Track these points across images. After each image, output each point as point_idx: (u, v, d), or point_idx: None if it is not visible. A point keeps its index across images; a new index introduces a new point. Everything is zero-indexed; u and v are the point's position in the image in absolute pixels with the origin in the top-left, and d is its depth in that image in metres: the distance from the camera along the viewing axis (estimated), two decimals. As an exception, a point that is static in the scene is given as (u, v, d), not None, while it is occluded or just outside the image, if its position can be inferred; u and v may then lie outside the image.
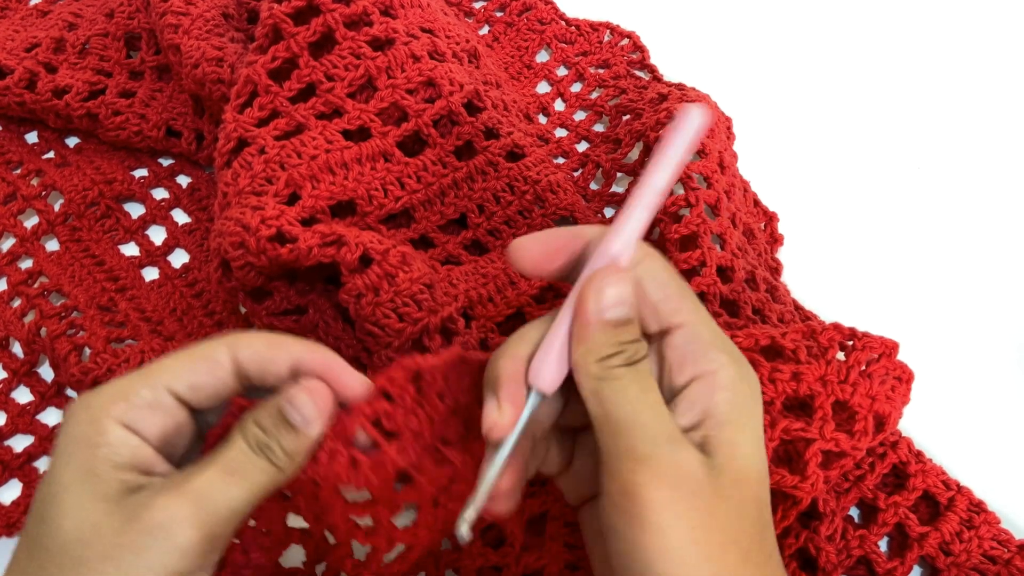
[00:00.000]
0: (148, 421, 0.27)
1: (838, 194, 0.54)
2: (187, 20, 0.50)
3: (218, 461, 0.27)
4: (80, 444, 0.26)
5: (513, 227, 0.47)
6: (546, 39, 0.61)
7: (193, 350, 0.29)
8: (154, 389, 0.28)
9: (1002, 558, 0.38)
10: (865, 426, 0.34)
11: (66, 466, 0.26)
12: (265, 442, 0.27)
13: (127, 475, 0.26)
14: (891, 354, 0.36)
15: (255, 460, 0.27)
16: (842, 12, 0.64)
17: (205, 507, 0.26)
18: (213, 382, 0.29)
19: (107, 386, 0.28)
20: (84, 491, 0.26)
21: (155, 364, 0.28)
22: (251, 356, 0.29)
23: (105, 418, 0.27)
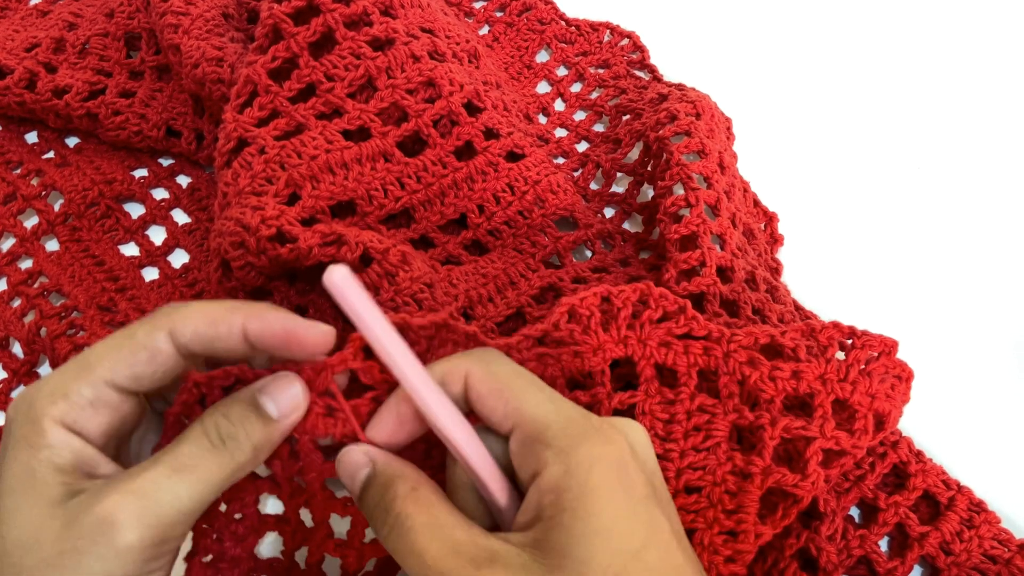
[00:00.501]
0: (91, 421, 0.26)
1: (838, 194, 0.54)
2: (187, 20, 0.50)
3: (166, 457, 0.26)
4: (21, 446, 0.26)
5: (513, 227, 0.47)
6: (546, 39, 0.61)
7: (129, 337, 0.27)
8: (94, 386, 0.26)
9: (1003, 558, 0.38)
10: (865, 424, 0.34)
11: (8, 469, 0.25)
12: (230, 432, 0.26)
13: (69, 478, 0.25)
14: (891, 353, 0.36)
15: (210, 453, 0.26)
16: (842, 12, 0.64)
17: (149, 506, 0.25)
18: (157, 368, 0.27)
19: (47, 381, 0.27)
20: (25, 496, 0.25)
21: (93, 354, 0.27)
22: (193, 337, 0.27)
23: (45, 419, 0.26)
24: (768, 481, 0.34)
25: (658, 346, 0.34)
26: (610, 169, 0.52)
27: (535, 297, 0.43)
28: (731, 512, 0.34)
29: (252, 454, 0.27)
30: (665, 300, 0.35)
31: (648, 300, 0.35)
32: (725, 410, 0.35)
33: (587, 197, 0.51)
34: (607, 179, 0.52)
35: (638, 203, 0.50)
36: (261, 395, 0.27)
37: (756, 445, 0.34)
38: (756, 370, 0.34)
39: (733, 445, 0.35)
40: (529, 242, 0.47)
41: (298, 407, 0.28)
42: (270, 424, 0.27)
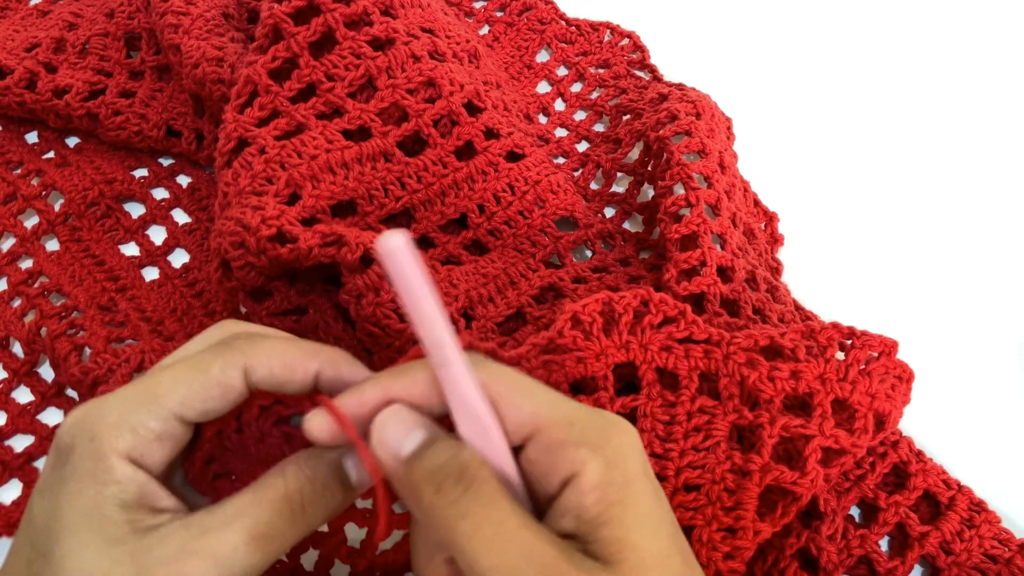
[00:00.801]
0: (156, 455, 0.26)
1: (838, 194, 0.54)
2: (187, 20, 0.50)
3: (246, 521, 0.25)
4: (86, 480, 0.25)
5: (513, 227, 0.47)
6: (546, 39, 0.61)
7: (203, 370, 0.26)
8: (163, 420, 0.26)
9: (1003, 557, 0.38)
10: (865, 424, 0.34)
11: (71, 503, 0.25)
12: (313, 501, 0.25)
13: (135, 515, 0.25)
14: (891, 353, 0.36)
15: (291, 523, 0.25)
16: (842, 12, 0.64)
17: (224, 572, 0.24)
18: (225, 406, 0.27)
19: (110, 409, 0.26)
20: (91, 535, 0.24)
21: (162, 383, 0.26)
22: (267, 378, 0.27)
23: (112, 454, 0.25)
24: (767, 478, 0.34)
25: (659, 351, 0.35)
26: (610, 169, 0.52)
27: (535, 297, 0.43)
28: (730, 509, 0.34)
29: (324, 520, 0.26)
30: (665, 305, 0.35)
31: (649, 305, 0.35)
32: (725, 411, 0.35)
33: (587, 197, 0.51)
34: (607, 179, 0.52)
35: (638, 203, 0.50)
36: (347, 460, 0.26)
37: (755, 444, 0.34)
38: (755, 371, 0.34)
39: (733, 444, 0.35)
40: (529, 242, 0.47)
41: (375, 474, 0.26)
42: (350, 492, 0.26)
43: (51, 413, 0.44)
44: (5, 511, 0.40)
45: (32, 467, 0.42)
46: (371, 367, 0.39)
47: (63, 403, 0.43)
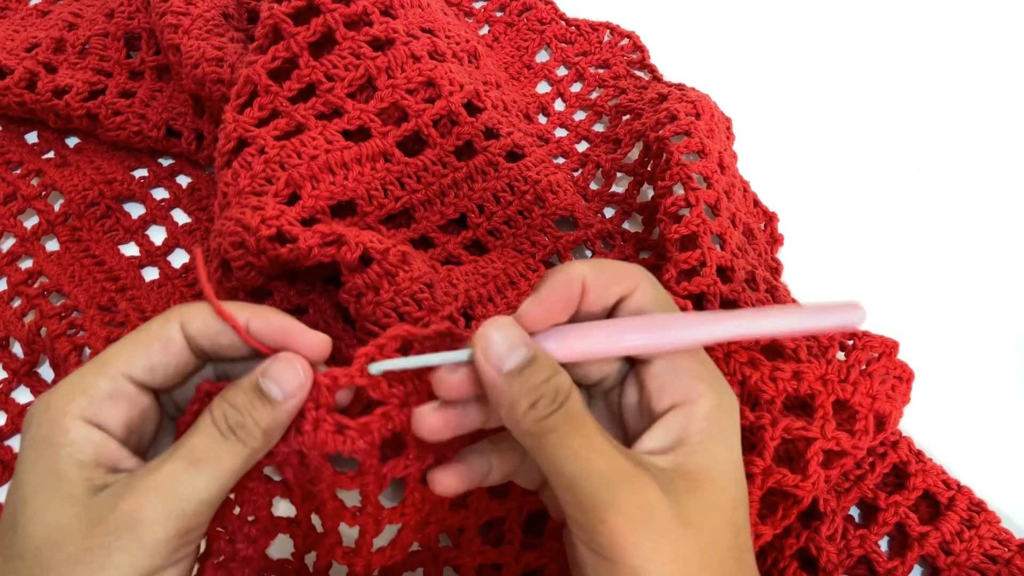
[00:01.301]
0: (110, 413, 0.27)
1: (838, 194, 0.54)
2: (187, 20, 0.50)
3: (181, 450, 0.26)
4: (43, 445, 0.26)
5: (513, 227, 0.47)
6: (546, 39, 0.61)
7: (143, 331, 0.28)
8: (111, 379, 0.27)
9: (1003, 557, 0.38)
10: (866, 425, 0.34)
11: (31, 470, 0.26)
12: (238, 421, 0.26)
13: (92, 473, 0.26)
14: (891, 353, 0.36)
15: (222, 443, 0.26)
16: (842, 12, 0.64)
17: (170, 500, 0.25)
18: (170, 360, 0.28)
19: (64, 382, 0.27)
20: (51, 494, 0.25)
21: (108, 352, 0.28)
22: (201, 329, 0.28)
23: (65, 416, 0.26)
24: (768, 481, 0.34)
25: None
26: (610, 169, 0.52)
27: (535, 297, 0.43)
28: None
29: (263, 439, 0.27)
30: None
31: None
32: (725, 410, 0.35)
33: (587, 197, 0.51)
34: (607, 179, 0.52)
35: (638, 203, 0.50)
36: (263, 378, 0.27)
37: (757, 445, 0.34)
38: (757, 371, 0.34)
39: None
40: (529, 242, 0.47)
41: (302, 386, 0.28)
42: (276, 407, 0.27)
43: (51, 413, 0.44)
44: (5, 511, 0.40)
45: (32, 467, 0.42)
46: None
47: (63, 403, 0.43)
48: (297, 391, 0.27)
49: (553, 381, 0.26)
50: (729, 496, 0.27)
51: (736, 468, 0.28)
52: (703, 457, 0.27)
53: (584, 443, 0.26)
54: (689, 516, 0.26)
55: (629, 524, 0.25)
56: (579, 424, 0.26)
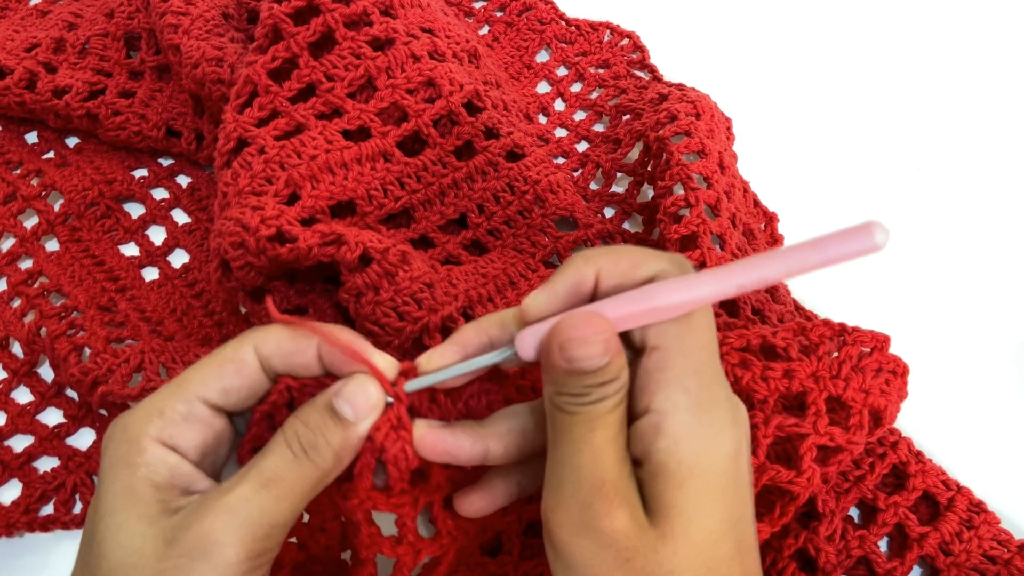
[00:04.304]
0: (185, 435, 0.27)
1: (838, 194, 0.54)
2: (187, 20, 0.50)
3: (253, 472, 0.26)
4: (120, 465, 0.26)
5: (513, 227, 0.47)
6: (546, 39, 0.61)
7: (217, 354, 0.28)
8: (187, 402, 0.27)
9: (1002, 558, 0.38)
10: (860, 420, 0.34)
11: (109, 489, 0.26)
12: (310, 441, 0.26)
13: (167, 495, 0.26)
14: (883, 348, 0.36)
15: (294, 464, 0.26)
16: (842, 12, 0.64)
17: (242, 522, 0.25)
18: (244, 383, 0.28)
19: (142, 404, 0.27)
20: (126, 514, 0.25)
21: (184, 375, 0.28)
22: (274, 350, 0.28)
23: (142, 437, 0.26)
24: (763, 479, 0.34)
25: None
26: (610, 169, 0.52)
27: (535, 297, 0.43)
28: None
29: (334, 460, 0.27)
30: None
31: None
32: (722, 411, 0.35)
33: (587, 197, 0.51)
34: (607, 179, 0.52)
35: (638, 203, 0.50)
36: (336, 399, 0.27)
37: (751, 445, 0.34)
38: (748, 371, 0.34)
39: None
40: (529, 242, 0.47)
41: (374, 408, 0.27)
42: (348, 427, 0.27)
43: (51, 413, 0.44)
44: (5, 511, 0.40)
45: (32, 467, 0.42)
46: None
47: (63, 403, 0.43)
48: (369, 412, 0.27)
49: (609, 385, 0.26)
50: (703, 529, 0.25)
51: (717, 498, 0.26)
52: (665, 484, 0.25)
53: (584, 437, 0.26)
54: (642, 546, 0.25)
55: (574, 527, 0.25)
56: (593, 421, 0.26)
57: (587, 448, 0.26)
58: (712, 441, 0.26)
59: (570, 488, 0.25)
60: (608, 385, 0.26)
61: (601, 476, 0.25)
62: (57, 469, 0.42)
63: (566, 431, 0.26)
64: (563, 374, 0.26)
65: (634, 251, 0.28)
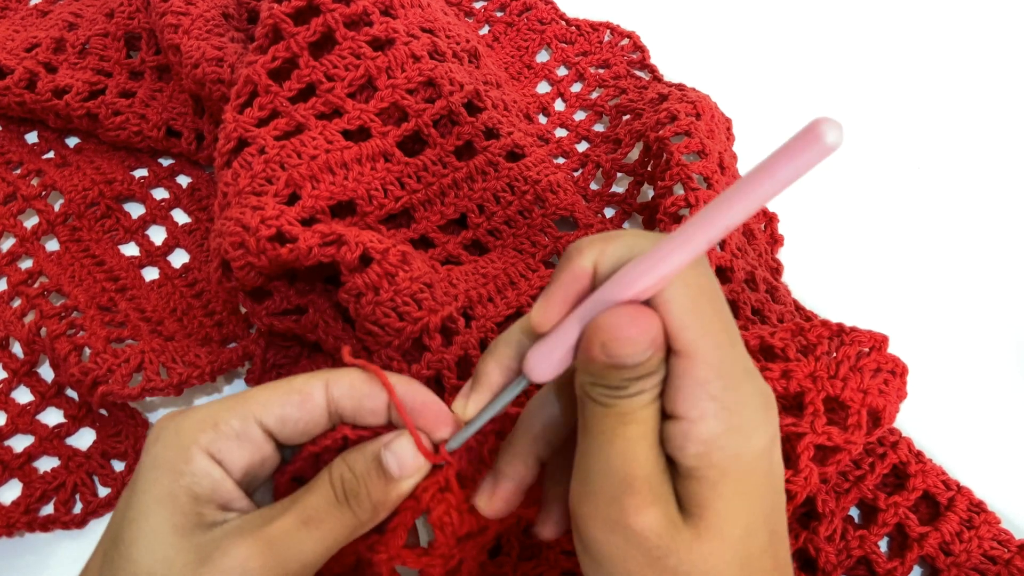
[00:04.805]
0: (234, 452, 0.27)
1: (838, 194, 0.54)
2: (187, 20, 0.50)
3: (296, 507, 0.26)
4: (164, 469, 0.26)
5: (513, 227, 0.47)
6: (546, 39, 0.61)
7: (287, 382, 0.28)
8: (244, 419, 0.27)
9: (1002, 558, 0.38)
10: (859, 420, 0.34)
11: (147, 490, 0.26)
12: (353, 489, 0.26)
13: (205, 508, 0.26)
14: (881, 348, 0.36)
15: (335, 508, 0.26)
16: (842, 12, 0.64)
17: (278, 557, 0.25)
18: (304, 417, 0.27)
19: (197, 410, 0.27)
20: (161, 521, 0.25)
21: (247, 393, 0.28)
22: (346, 392, 0.28)
23: (192, 445, 0.26)
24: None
25: None
26: (610, 169, 0.52)
27: (535, 297, 0.43)
28: None
29: (371, 513, 0.27)
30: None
31: None
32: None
33: (587, 197, 0.51)
34: (607, 179, 0.52)
35: (638, 203, 0.50)
36: (385, 451, 0.27)
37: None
38: None
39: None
40: (529, 242, 0.47)
41: (420, 468, 0.27)
42: (390, 483, 0.27)
43: (51, 413, 0.44)
44: (5, 511, 0.40)
45: (32, 467, 0.42)
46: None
47: (63, 403, 0.43)
48: (415, 471, 0.27)
49: (646, 379, 0.24)
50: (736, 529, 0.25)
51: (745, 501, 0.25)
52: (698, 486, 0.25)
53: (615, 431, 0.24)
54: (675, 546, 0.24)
55: (604, 523, 0.24)
56: (626, 415, 0.25)
57: (618, 442, 0.24)
58: (744, 443, 0.25)
59: (599, 481, 0.25)
60: (647, 379, 0.24)
61: (632, 472, 0.24)
62: (57, 469, 0.42)
63: (597, 422, 0.25)
64: (602, 367, 0.24)
65: (623, 233, 0.27)
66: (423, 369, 0.38)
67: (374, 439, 0.27)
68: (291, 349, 0.44)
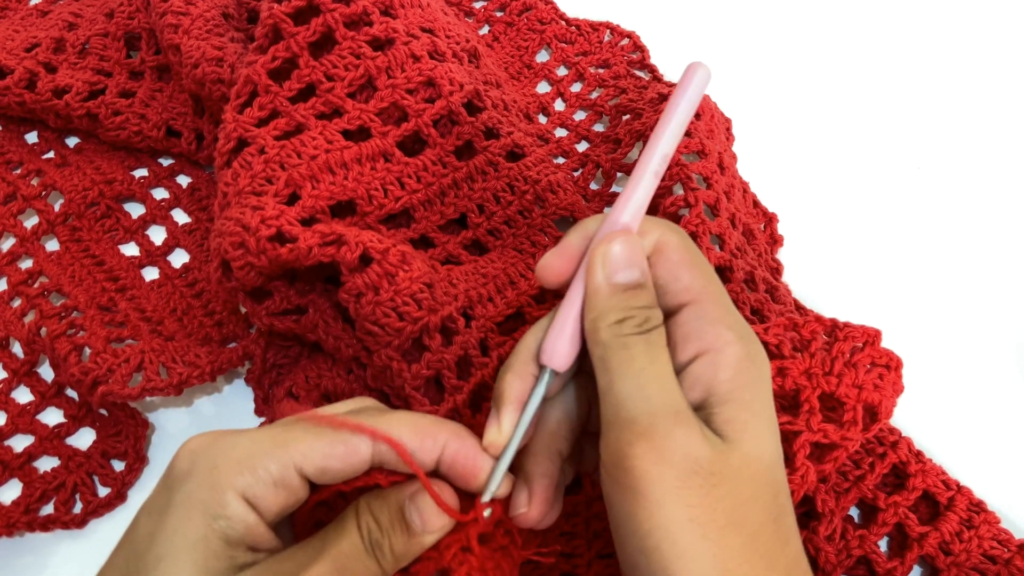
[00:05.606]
0: (269, 498, 0.26)
1: (838, 194, 0.54)
2: (187, 20, 0.50)
3: (331, 553, 0.26)
4: (197, 509, 0.25)
5: (513, 227, 0.47)
6: (546, 39, 0.61)
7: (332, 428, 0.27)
8: (283, 466, 0.26)
9: (1002, 558, 0.38)
10: (854, 416, 0.34)
11: (177, 530, 0.25)
12: (378, 540, 0.26)
13: (236, 552, 0.25)
14: (875, 342, 0.36)
15: (365, 557, 0.26)
16: (842, 12, 0.64)
17: None
18: (345, 468, 0.27)
19: (234, 445, 0.26)
20: (191, 566, 0.25)
21: (288, 434, 0.27)
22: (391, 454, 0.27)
23: (229, 489, 0.25)
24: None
25: None
26: (610, 169, 0.52)
27: (535, 297, 0.43)
28: None
29: (393, 564, 0.27)
30: None
31: None
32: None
33: (587, 197, 0.51)
34: (607, 179, 0.52)
35: (638, 203, 0.50)
36: (409, 505, 0.27)
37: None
38: None
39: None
40: (529, 242, 0.47)
41: (443, 525, 0.27)
42: (413, 537, 0.26)
43: (51, 413, 0.44)
44: (5, 511, 0.40)
45: (32, 467, 0.42)
46: (371, 366, 0.39)
47: (63, 403, 0.43)
48: (437, 528, 0.27)
49: (649, 310, 0.27)
50: (767, 452, 0.26)
51: (770, 423, 0.27)
52: (734, 409, 0.26)
53: (648, 370, 0.26)
54: (728, 470, 0.25)
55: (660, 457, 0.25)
56: (651, 350, 0.26)
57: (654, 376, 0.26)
58: (763, 367, 0.27)
59: (645, 420, 0.25)
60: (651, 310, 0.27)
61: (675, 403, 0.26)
62: (57, 469, 0.42)
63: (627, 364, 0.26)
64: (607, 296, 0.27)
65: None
66: (423, 369, 0.38)
67: (399, 487, 0.27)
68: (291, 349, 0.44)
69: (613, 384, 0.26)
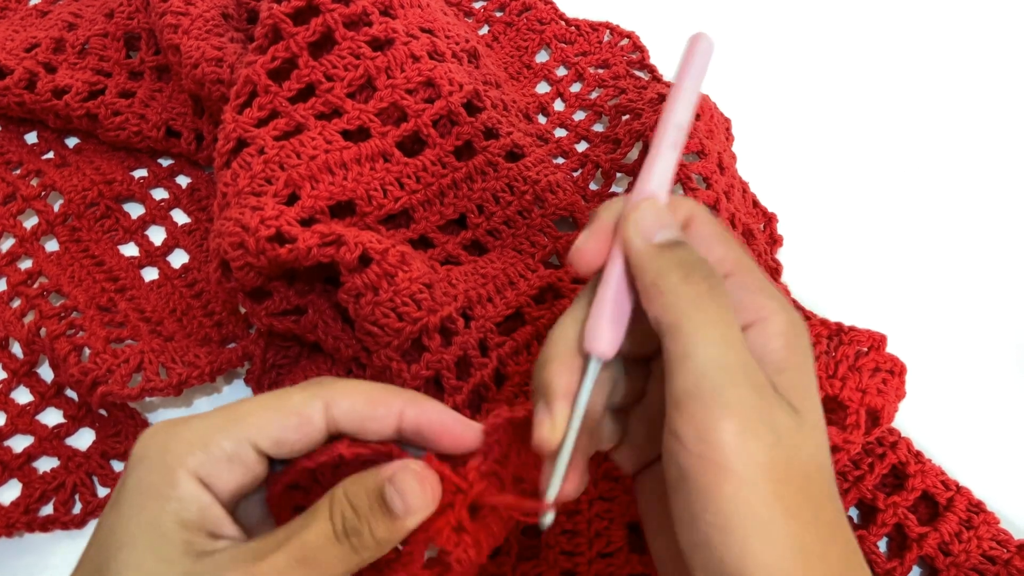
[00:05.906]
0: (223, 476, 0.25)
1: (837, 194, 0.54)
2: (187, 20, 0.50)
3: (292, 544, 0.24)
4: (148, 494, 0.24)
5: (512, 227, 0.47)
6: (546, 39, 0.61)
7: (284, 402, 0.26)
8: (236, 441, 0.25)
9: (1001, 558, 0.38)
10: (857, 419, 0.34)
11: (131, 516, 0.24)
12: (355, 527, 0.25)
13: (193, 536, 0.24)
14: (880, 347, 0.36)
15: (334, 546, 0.25)
16: (842, 12, 0.64)
17: None
18: (301, 439, 0.26)
19: (187, 426, 0.26)
20: (147, 550, 0.24)
21: (240, 409, 0.26)
22: (349, 412, 0.26)
23: (179, 468, 0.24)
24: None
25: None
26: (610, 169, 0.52)
27: (535, 297, 0.43)
28: None
29: (375, 550, 0.25)
30: None
31: None
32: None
33: (587, 197, 0.51)
34: (607, 179, 0.52)
35: (638, 203, 0.50)
36: (389, 487, 0.25)
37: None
38: None
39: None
40: (529, 242, 0.47)
41: (426, 506, 0.26)
42: (396, 521, 0.25)
43: (50, 413, 0.44)
44: (4, 511, 0.40)
45: (32, 467, 0.42)
46: (371, 366, 0.40)
47: (62, 403, 0.43)
48: (421, 510, 0.25)
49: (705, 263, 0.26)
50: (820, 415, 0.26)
51: (816, 387, 0.26)
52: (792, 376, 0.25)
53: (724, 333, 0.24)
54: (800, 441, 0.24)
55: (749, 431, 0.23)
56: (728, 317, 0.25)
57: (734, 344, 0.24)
58: (805, 335, 0.27)
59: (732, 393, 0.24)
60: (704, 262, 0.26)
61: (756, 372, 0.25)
62: (57, 469, 0.42)
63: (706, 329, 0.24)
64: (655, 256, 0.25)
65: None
66: (422, 369, 0.38)
67: (376, 468, 0.26)
68: (291, 349, 0.44)
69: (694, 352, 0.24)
